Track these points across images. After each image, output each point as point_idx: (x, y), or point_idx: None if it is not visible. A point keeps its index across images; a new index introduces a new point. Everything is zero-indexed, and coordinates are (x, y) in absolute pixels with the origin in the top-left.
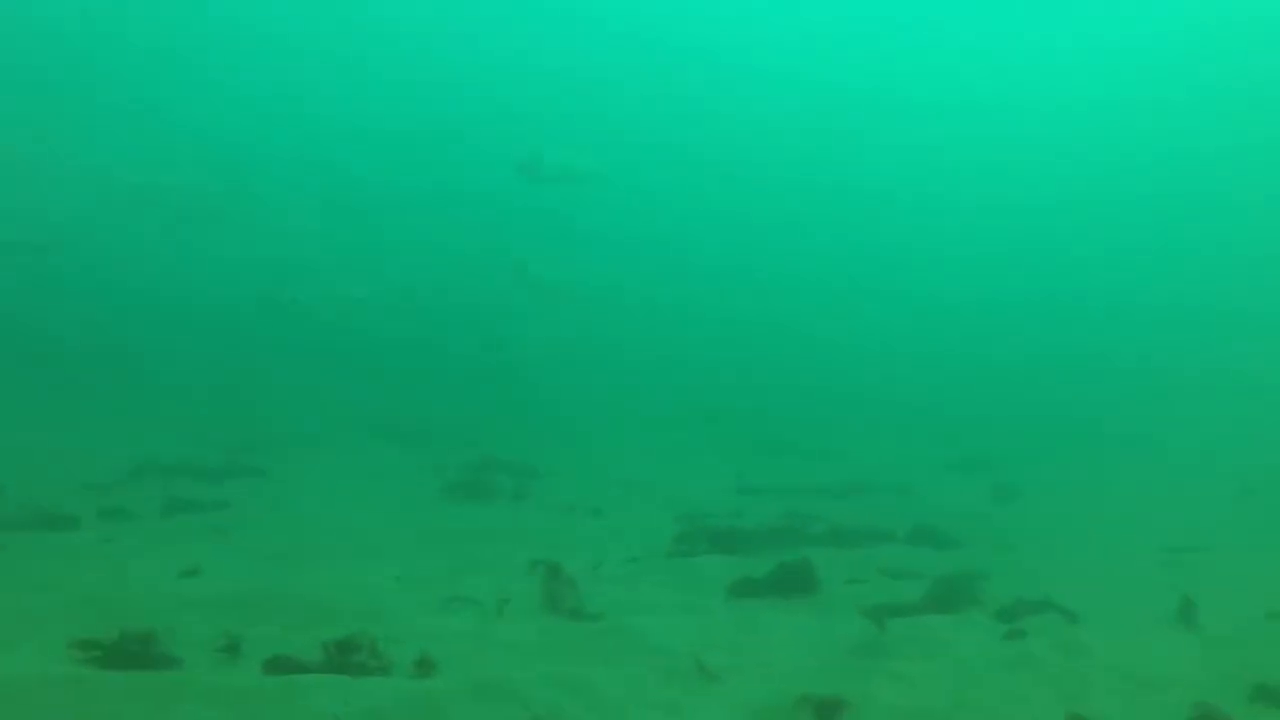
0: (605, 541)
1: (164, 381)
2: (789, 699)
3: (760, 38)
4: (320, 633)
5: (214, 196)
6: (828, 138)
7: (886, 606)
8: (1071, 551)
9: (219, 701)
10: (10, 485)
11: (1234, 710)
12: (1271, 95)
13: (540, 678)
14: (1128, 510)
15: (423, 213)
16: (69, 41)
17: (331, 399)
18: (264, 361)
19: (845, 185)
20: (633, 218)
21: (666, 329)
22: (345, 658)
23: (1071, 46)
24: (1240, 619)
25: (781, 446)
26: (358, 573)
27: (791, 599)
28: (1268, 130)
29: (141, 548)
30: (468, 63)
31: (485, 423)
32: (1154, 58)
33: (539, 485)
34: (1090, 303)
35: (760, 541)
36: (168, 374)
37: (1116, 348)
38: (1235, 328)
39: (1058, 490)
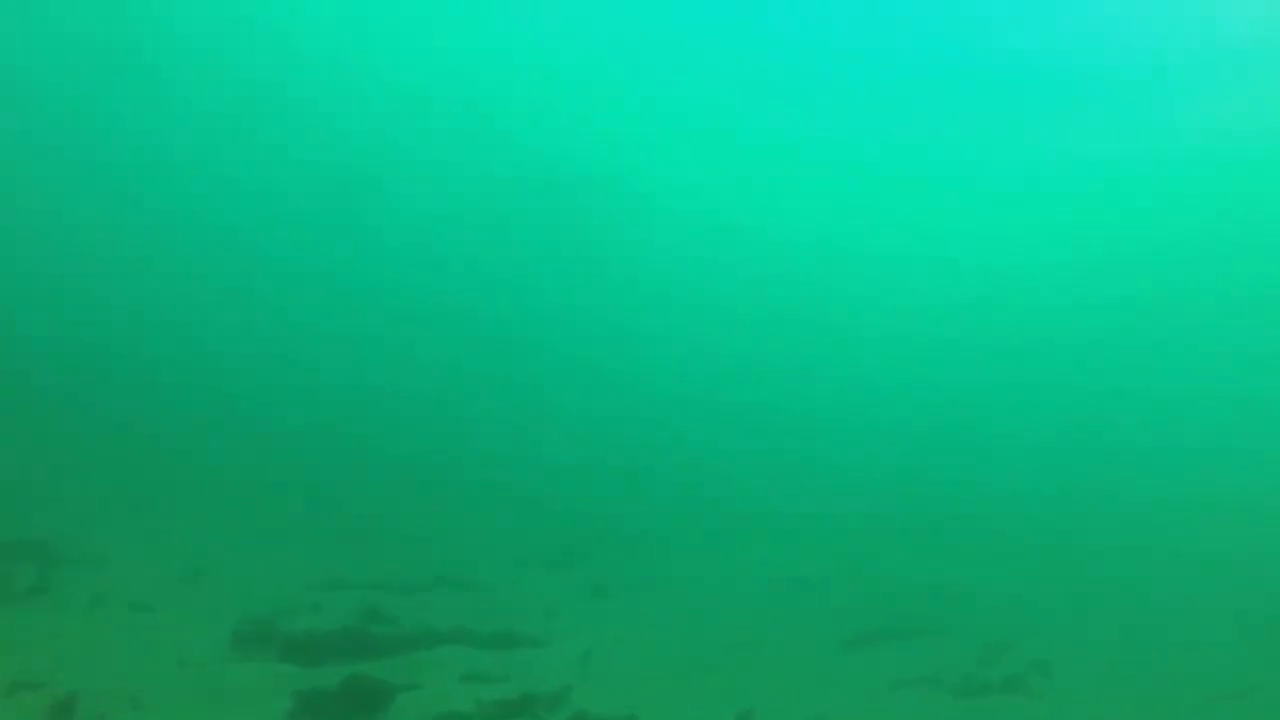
0: (146, 647)
1: None
2: None
3: None
4: None
5: None
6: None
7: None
8: (652, 652)
9: None
10: None
11: None
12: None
13: None
14: (707, 608)
15: None
16: None
17: None
18: None
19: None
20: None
21: (264, 383)
22: None
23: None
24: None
25: (378, 532)
26: None
27: (357, 716)
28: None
29: None
30: None
31: (11, 489)
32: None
33: (71, 574)
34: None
35: (336, 645)
36: None
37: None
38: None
39: (649, 588)
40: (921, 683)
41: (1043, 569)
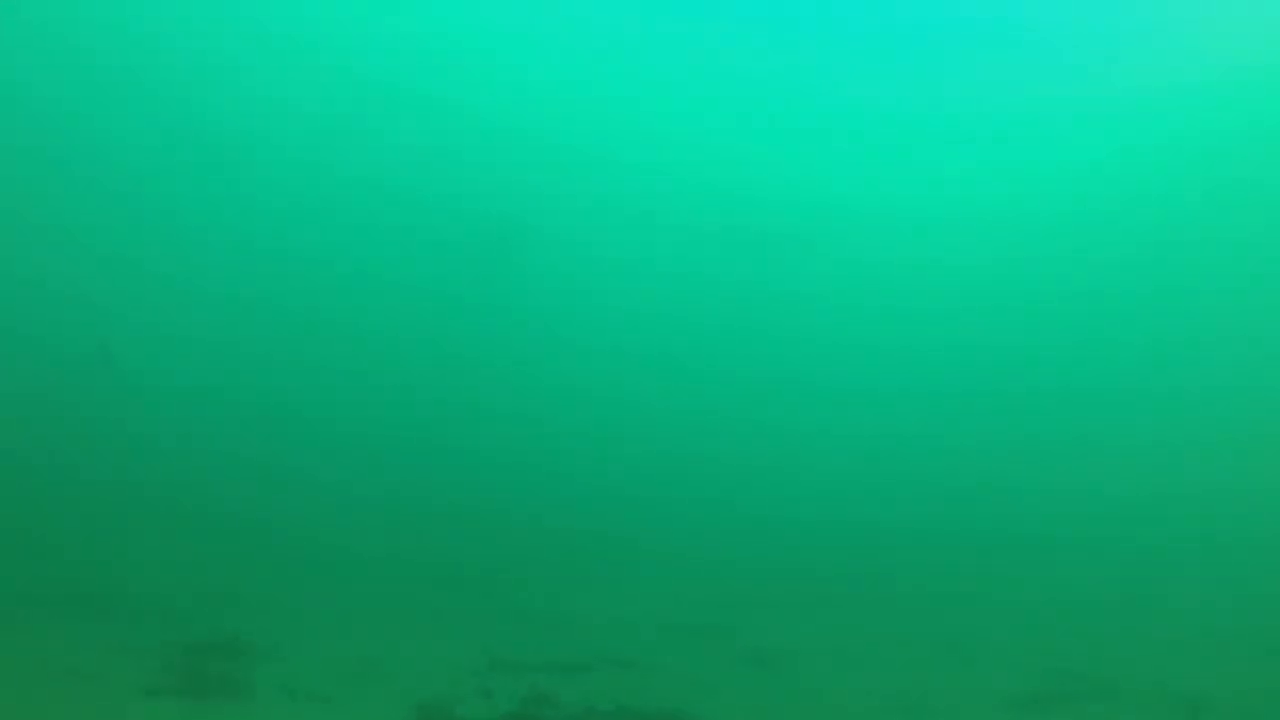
0: None
1: None
2: None
3: None
4: None
5: None
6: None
7: None
8: None
9: None
10: None
11: None
12: None
13: None
14: (869, 670)
15: None
16: None
17: None
18: None
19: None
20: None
21: (412, 466)
22: None
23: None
24: None
25: (531, 609)
26: None
27: None
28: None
29: None
30: None
31: (193, 582)
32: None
33: (257, 668)
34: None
35: None
36: None
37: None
38: None
39: (807, 652)
40: None
41: (1238, 615)
